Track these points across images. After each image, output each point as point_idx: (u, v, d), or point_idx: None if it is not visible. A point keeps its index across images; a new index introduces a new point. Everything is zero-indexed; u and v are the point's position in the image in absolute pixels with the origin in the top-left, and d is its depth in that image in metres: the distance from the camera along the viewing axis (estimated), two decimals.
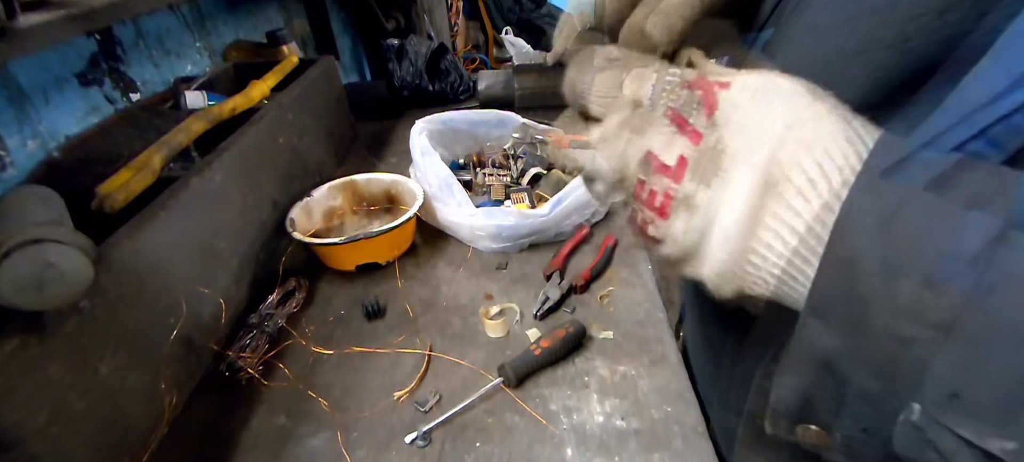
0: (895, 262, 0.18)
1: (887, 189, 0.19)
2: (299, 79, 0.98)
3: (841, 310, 0.20)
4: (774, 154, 0.21)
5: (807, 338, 0.21)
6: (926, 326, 0.18)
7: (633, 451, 0.55)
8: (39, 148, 0.73)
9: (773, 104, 0.21)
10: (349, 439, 0.58)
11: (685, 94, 0.23)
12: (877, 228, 0.18)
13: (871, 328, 0.19)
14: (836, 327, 0.20)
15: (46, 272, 0.43)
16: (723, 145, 0.22)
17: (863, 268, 0.19)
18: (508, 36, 1.81)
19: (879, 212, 0.19)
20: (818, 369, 0.21)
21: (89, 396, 0.50)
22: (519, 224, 0.81)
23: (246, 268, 0.76)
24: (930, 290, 0.17)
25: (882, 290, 0.18)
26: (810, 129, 0.21)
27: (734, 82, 0.22)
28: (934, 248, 0.18)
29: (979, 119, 0.21)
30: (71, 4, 0.64)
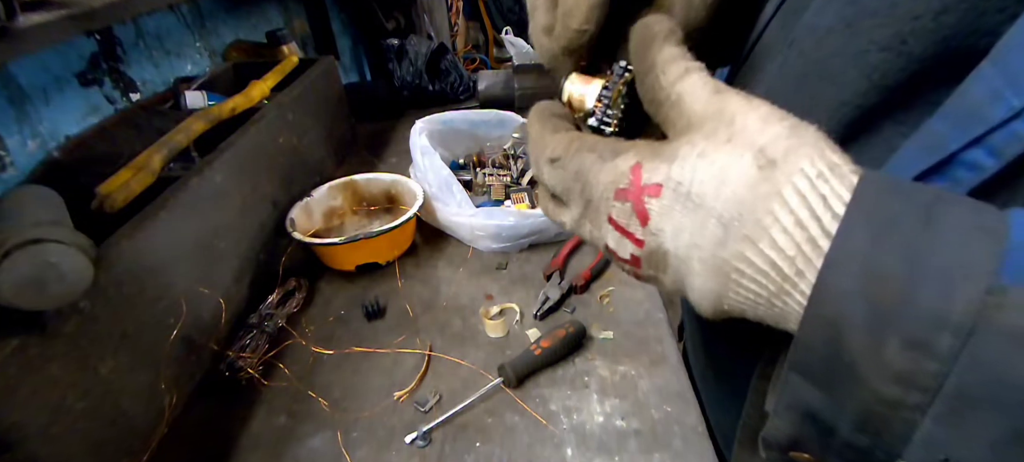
0: (881, 323, 0.18)
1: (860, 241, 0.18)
2: (299, 79, 0.98)
3: (824, 369, 0.19)
4: (715, 254, 0.21)
5: (791, 390, 0.21)
6: (912, 389, 0.17)
7: (633, 451, 0.55)
8: (39, 148, 0.73)
9: (705, 203, 0.21)
10: (349, 439, 0.58)
11: (618, 205, 0.23)
12: (861, 287, 0.18)
13: (856, 388, 0.18)
14: (820, 385, 0.20)
15: (46, 272, 0.43)
16: (664, 249, 0.23)
17: (847, 328, 0.18)
18: (508, 36, 1.81)
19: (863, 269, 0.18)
20: (804, 418, 0.21)
21: (89, 396, 0.50)
22: (519, 224, 0.81)
23: (246, 268, 0.76)
24: (917, 352, 0.17)
25: (868, 351, 0.18)
26: (750, 222, 0.20)
27: (665, 185, 0.22)
28: (919, 311, 0.17)
29: (976, 126, 0.20)
30: (71, 4, 0.64)
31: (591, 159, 0.25)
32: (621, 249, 0.24)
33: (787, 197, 0.19)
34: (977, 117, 0.20)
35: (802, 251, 0.19)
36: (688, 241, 0.22)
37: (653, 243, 0.23)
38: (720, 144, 0.21)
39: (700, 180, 0.21)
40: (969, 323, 0.16)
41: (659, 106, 0.24)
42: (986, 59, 0.21)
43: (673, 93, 0.23)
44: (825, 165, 0.20)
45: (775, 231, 0.20)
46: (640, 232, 0.23)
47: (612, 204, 0.24)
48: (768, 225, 0.20)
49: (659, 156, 0.22)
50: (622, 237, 0.24)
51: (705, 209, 0.21)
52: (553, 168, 0.26)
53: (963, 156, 0.21)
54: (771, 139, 0.20)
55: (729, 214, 0.20)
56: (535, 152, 0.28)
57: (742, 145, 0.20)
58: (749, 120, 0.21)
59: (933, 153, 0.22)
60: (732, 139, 0.21)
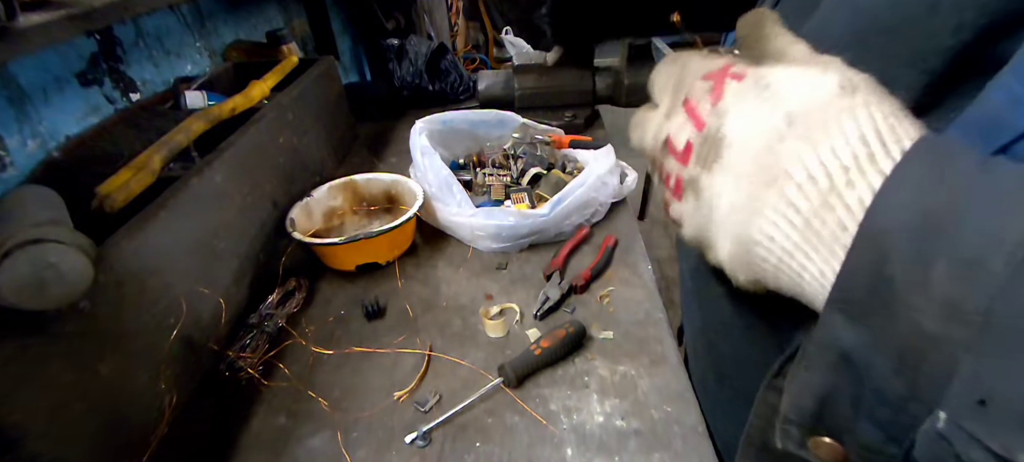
0: (930, 243, 0.17)
1: (927, 169, 0.18)
2: (299, 79, 0.98)
3: (866, 300, 0.18)
4: (771, 147, 0.21)
5: (828, 333, 0.20)
6: (956, 321, 0.16)
7: (633, 451, 0.55)
8: (39, 148, 0.73)
9: (781, 96, 0.21)
10: (349, 439, 0.58)
11: (700, 85, 0.24)
12: (912, 206, 0.17)
13: (897, 321, 0.17)
14: (859, 319, 0.19)
15: (46, 272, 0.43)
16: (722, 133, 0.23)
17: (894, 250, 0.17)
18: (508, 36, 1.81)
19: (917, 189, 0.18)
20: (838, 367, 0.20)
21: (89, 396, 0.50)
22: (519, 224, 0.81)
23: (246, 268, 0.76)
24: (964, 278, 0.16)
25: (913, 274, 0.17)
26: (817, 124, 0.20)
27: (751, 74, 0.23)
28: (973, 231, 0.16)
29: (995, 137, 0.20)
30: (71, 4, 0.64)
31: (697, 57, 0.26)
32: (679, 136, 0.25)
33: (859, 114, 0.20)
34: (998, 126, 0.20)
35: (858, 163, 0.19)
36: (749, 128, 0.22)
37: (714, 125, 0.23)
38: (813, 66, 0.22)
39: (782, 79, 0.22)
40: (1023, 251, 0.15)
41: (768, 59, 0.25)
42: (1006, 68, 0.21)
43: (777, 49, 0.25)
44: (895, 109, 0.20)
45: (837, 139, 0.20)
46: (707, 111, 0.23)
47: (696, 84, 0.25)
48: (832, 132, 0.20)
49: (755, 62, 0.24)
50: (687, 120, 0.24)
51: (778, 100, 0.21)
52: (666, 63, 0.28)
53: None
54: (857, 76, 0.21)
55: (800, 110, 0.21)
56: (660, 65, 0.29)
57: (833, 71, 0.22)
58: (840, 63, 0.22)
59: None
60: (826, 68, 0.22)
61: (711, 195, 0.23)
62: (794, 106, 0.21)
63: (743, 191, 0.22)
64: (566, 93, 1.19)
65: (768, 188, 0.21)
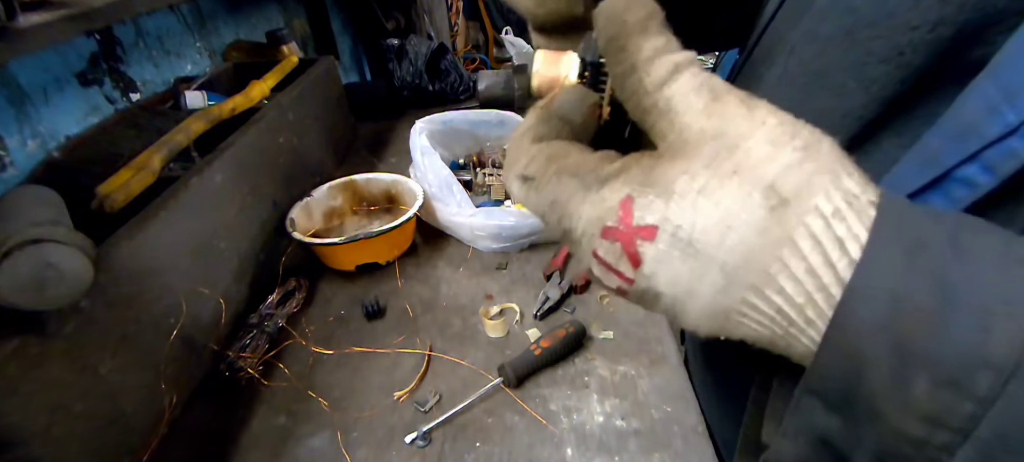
0: (909, 360, 0.16)
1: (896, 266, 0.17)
2: (299, 79, 0.98)
3: (843, 397, 0.18)
4: (716, 302, 0.19)
5: (805, 414, 0.19)
6: (941, 428, 0.16)
7: (633, 451, 0.55)
8: (39, 148, 0.73)
9: (708, 254, 0.18)
10: (349, 439, 0.58)
11: (606, 244, 0.20)
12: (884, 317, 0.16)
13: (878, 422, 0.17)
14: (837, 412, 0.18)
15: (46, 272, 0.43)
16: (656, 292, 0.20)
17: (870, 363, 0.17)
18: (508, 36, 1.82)
19: (887, 295, 0.16)
20: (817, 445, 0.19)
21: (89, 396, 0.50)
22: (519, 224, 0.81)
23: (246, 268, 0.76)
24: (948, 392, 0.16)
25: (891, 386, 0.16)
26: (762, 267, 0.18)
27: (661, 228, 0.19)
28: (954, 348, 0.16)
29: (972, 141, 0.20)
30: (71, 4, 0.64)
31: (572, 188, 0.21)
32: (606, 280, 0.21)
33: (799, 242, 0.17)
34: (973, 132, 0.20)
35: (813, 300, 0.18)
36: (685, 288, 0.19)
37: (644, 284, 0.20)
38: (724, 178, 0.18)
39: (702, 227, 0.18)
40: (1011, 364, 0.15)
41: (644, 113, 0.20)
42: (983, 72, 0.20)
43: (661, 99, 0.20)
44: (841, 198, 0.17)
45: (783, 279, 0.18)
46: (630, 272, 0.20)
47: (599, 242, 0.20)
48: (776, 272, 0.18)
49: (653, 187, 0.19)
50: (608, 271, 0.21)
51: (706, 257, 0.18)
52: (524, 188, 0.22)
53: (958, 172, 0.21)
54: (782, 170, 0.18)
55: (734, 263, 0.18)
56: (508, 162, 0.23)
57: (750, 181, 0.18)
58: (756, 144, 0.18)
59: (929, 168, 0.21)
60: (738, 171, 0.18)
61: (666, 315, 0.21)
62: (724, 257, 0.18)
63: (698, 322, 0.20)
64: None
65: (726, 322, 0.19)
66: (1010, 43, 0.20)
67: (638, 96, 0.20)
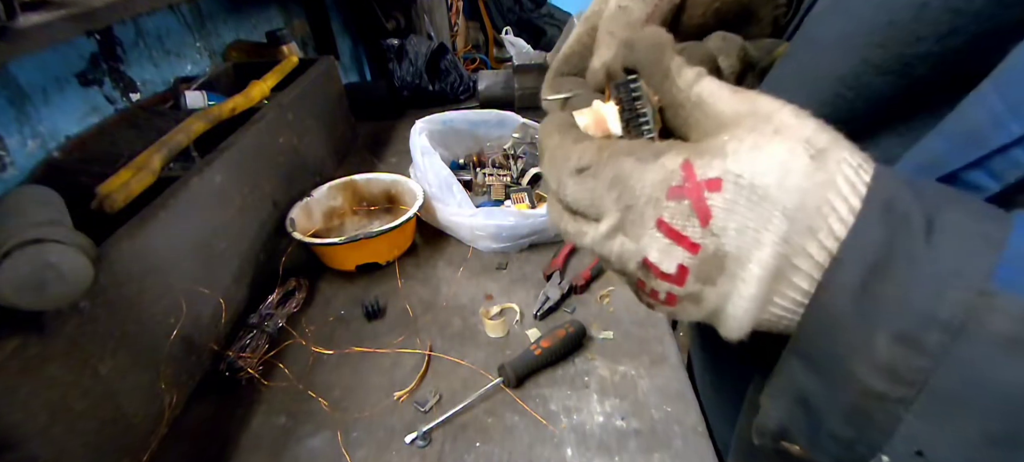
0: (872, 316, 0.18)
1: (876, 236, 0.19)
2: (299, 79, 0.98)
3: (821, 355, 0.20)
4: (777, 249, 0.20)
5: (788, 373, 0.21)
6: (898, 383, 0.18)
7: (633, 451, 0.55)
8: (39, 148, 0.73)
9: (771, 197, 0.20)
10: (349, 439, 0.58)
11: (673, 205, 0.21)
12: (859, 280, 0.19)
13: (847, 378, 0.19)
14: (815, 370, 0.20)
15: (46, 272, 0.43)
16: (724, 251, 0.21)
17: (842, 319, 0.19)
18: (508, 36, 1.81)
19: (862, 263, 0.19)
20: (796, 404, 0.21)
21: (89, 396, 0.50)
22: (519, 224, 0.81)
23: (246, 268, 0.76)
24: (904, 347, 0.18)
25: (859, 342, 0.19)
26: (814, 210, 0.19)
27: (724, 179, 0.20)
28: (911, 308, 0.18)
29: (975, 149, 0.20)
30: (71, 4, 0.64)
31: (630, 162, 0.22)
32: (667, 260, 0.22)
33: (839, 185, 0.19)
34: (977, 140, 0.20)
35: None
36: (752, 240, 0.20)
37: (712, 245, 0.21)
38: (770, 136, 0.20)
39: (762, 171, 0.19)
40: (957, 323, 0.17)
41: (679, 108, 0.23)
42: (987, 80, 0.20)
43: (693, 94, 0.22)
44: (860, 156, 0.20)
45: (832, 220, 0.19)
46: (698, 234, 0.21)
47: (665, 205, 0.21)
48: (826, 214, 0.19)
49: (707, 152, 0.21)
50: (672, 244, 0.21)
51: (769, 202, 0.19)
52: (581, 179, 0.23)
53: (964, 176, 0.21)
54: (812, 132, 0.20)
55: (792, 205, 0.19)
56: (555, 164, 0.24)
57: (791, 137, 0.20)
58: (785, 115, 0.20)
59: (932, 170, 0.22)
60: (780, 131, 0.20)
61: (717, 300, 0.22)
62: (787, 202, 0.19)
63: (754, 295, 0.21)
64: None
65: (778, 282, 0.21)
66: (1016, 53, 0.20)
67: (672, 94, 0.23)
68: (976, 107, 0.21)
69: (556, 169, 0.24)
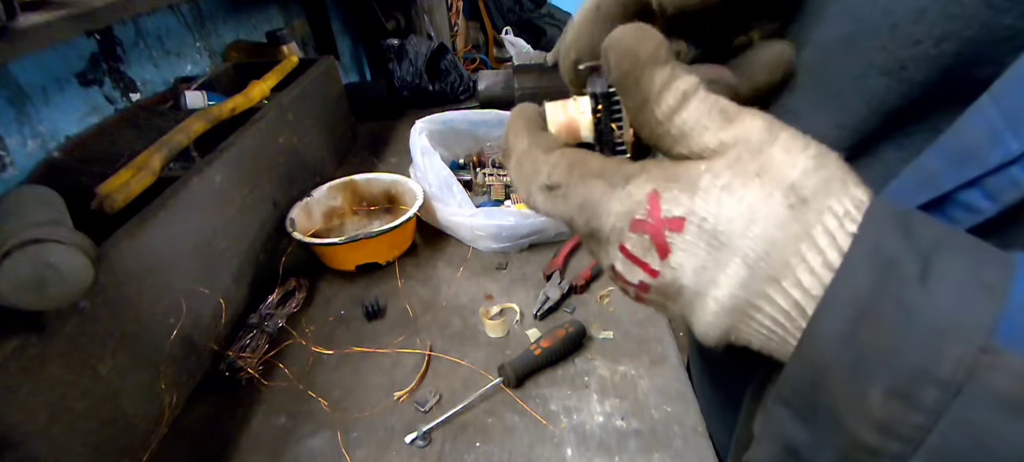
0: (863, 368, 0.17)
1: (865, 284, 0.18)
2: (299, 79, 0.98)
3: (808, 406, 0.19)
4: (733, 292, 0.20)
5: (775, 421, 0.20)
6: (893, 439, 0.17)
7: (633, 451, 0.55)
8: (39, 148, 0.73)
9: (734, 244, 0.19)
10: (349, 439, 0.58)
11: (634, 237, 0.21)
12: (845, 329, 0.18)
13: (838, 430, 0.18)
14: (803, 421, 0.19)
15: (46, 272, 0.43)
16: (680, 284, 0.21)
17: (831, 369, 0.18)
18: (508, 36, 1.81)
19: (848, 310, 0.18)
20: (785, 452, 0.21)
21: (89, 396, 0.50)
22: (519, 224, 0.81)
23: (246, 268, 0.76)
24: (898, 403, 0.17)
25: (850, 395, 0.18)
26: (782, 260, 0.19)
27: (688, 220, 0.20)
28: (906, 361, 0.17)
29: (972, 167, 0.20)
30: (71, 4, 0.64)
31: (599, 188, 0.22)
32: (629, 274, 0.22)
33: (816, 237, 0.18)
34: (973, 157, 0.20)
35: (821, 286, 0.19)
36: (709, 279, 0.20)
37: (669, 276, 0.21)
38: (748, 178, 0.19)
39: (727, 217, 0.19)
40: (957, 381, 0.16)
41: (659, 140, 0.21)
42: (986, 93, 0.20)
43: (673, 128, 0.21)
44: (851, 203, 0.19)
45: (801, 271, 0.19)
46: (657, 264, 0.21)
47: (627, 235, 0.21)
48: (795, 265, 0.19)
49: (677, 183, 0.20)
50: (633, 265, 0.22)
51: (731, 248, 0.19)
52: (551, 198, 0.23)
53: (959, 196, 0.21)
54: (801, 174, 0.19)
55: (755, 254, 0.19)
56: (524, 175, 0.24)
57: (771, 182, 0.19)
58: (776, 151, 0.19)
59: (928, 189, 0.21)
60: (761, 173, 0.19)
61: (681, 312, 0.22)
62: (747, 248, 0.19)
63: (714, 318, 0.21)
64: (566, 93, 1.18)
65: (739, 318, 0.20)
66: (1015, 66, 0.19)
67: (651, 126, 0.21)
68: (974, 121, 0.20)
69: (525, 181, 0.24)
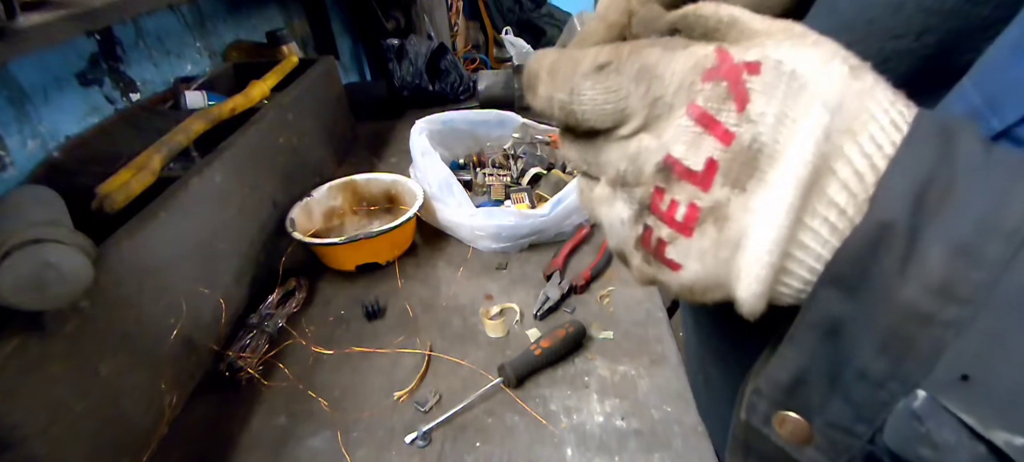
0: (927, 228, 0.17)
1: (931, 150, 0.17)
2: (299, 79, 0.98)
3: (862, 277, 0.18)
4: (818, 147, 0.18)
5: (816, 307, 0.19)
6: (951, 301, 0.16)
7: (633, 451, 0.55)
8: (39, 148, 0.73)
9: (811, 87, 0.18)
10: (349, 439, 0.58)
11: (709, 88, 0.19)
12: (913, 191, 0.17)
13: (890, 297, 0.17)
14: (852, 294, 0.18)
15: (46, 272, 0.43)
16: (760, 142, 0.19)
17: (893, 233, 0.17)
18: (508, 36, 1.81)
19: (917, 175, 0.17)
20: (821, 343, 0.19)
21: (89, 396, 0.50)
22: (519, 224, 0.81)
23: (246, 268, 0.76)
24: (962, 260, 0.16)
25: (910, 257, 0.17)
26: (854, 114, 0.18)
27: (763, 62, 0.19)
28: (971, 216, 0.16)
29: None
30: (71, 4, 0.64)
31: (656, 52, 0.20)
32: (694, 154, 0.19)
33: (879, 97, 0.18)
34: None
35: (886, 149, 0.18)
36: (790, 131, 0.18)
37: (748, 134, 0.19)
38: (807, 45, 0.19)
39: (803, 60, 0.18)
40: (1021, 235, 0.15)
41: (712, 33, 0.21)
42: (967, 76, 0.20)
43: (726, 16, 0.20)
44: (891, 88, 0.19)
45: (874, 127, 0.18)
46: (734, 119, 0.19)
47: (699, 88, 0.19)
48: (866, 120, 0.18)
49: (740, 43, 0.19)
50: (702, 133, 0.19)
51: (811, 91, 0.18)
52: (602, 76, 0.20)
53: None
54: (846, 52, 0.19)
55: (833, 99, 0.18)
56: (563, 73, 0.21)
57: (829, 49, 0.19)
58: (819, 36, 0.19)
59: None
60: (818, 44, 0.19)
61: (744, 220, 0.19)
62: (827, 95, 0.18)
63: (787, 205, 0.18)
64: None
65: (812, 194, 0.19)
66: (992, 49, 0.20)
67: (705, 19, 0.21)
68: (956, 103, 0.21)
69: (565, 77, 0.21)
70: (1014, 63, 0.19)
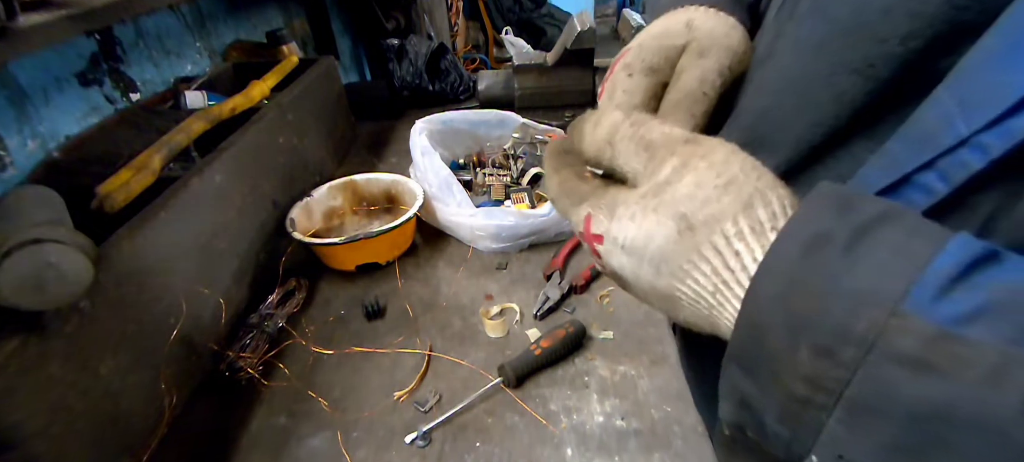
0: (796, 329, 0.20)
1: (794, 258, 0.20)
2: (299, 79, 0.98)
3: (752, 361, 0.22)
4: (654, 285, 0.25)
5: (729, 377, 0.23)
6: (819, 390, 0.19)
7: (633, 451, 0.55)
8: (39, 148, 0.73)
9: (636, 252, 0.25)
10: (349, 439, 0.58)
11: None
12: (783, 295, 0.20)
13: (777, 384, 0.21)
14: (750, 375, 0.22)
15: (46, 272, 0.43)
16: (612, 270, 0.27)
17: (769, 330, 0.21)
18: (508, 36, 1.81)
19: (787, 280, 0.20)
20: (740, 405, 0.23)
21: (89, 396, 0.50)
22: (519, 224, 0.81)
23: (246, 268, 0.76)
24: (823, 359, 0.19)
25: (784, 353, 0.20)
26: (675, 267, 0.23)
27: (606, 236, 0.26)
28: (830, 323, 0.19)
29: (927, 150, 0.21)
30: (71, 4, 0.64)
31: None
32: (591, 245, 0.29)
33: (704, 251, 0.23)
34: (929, 141, 0.21)
35: (721, 289, 0.23)
36: (632, 273, 0.26)
37: (607, 266, 0.27)
38: (648, 212, 0.24)
39: (631, 238, 0.25)
40: (870, 340, 0.18)
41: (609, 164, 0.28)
42: (943, 82, 0.21)
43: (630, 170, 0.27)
44: (747, 225, 0.22)
45: (697, 273, 0.23)
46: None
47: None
48: (689, 269, 0.23)
49: (603, 211, 0.27)
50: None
51: (638, 256, 0.25)
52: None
53: (917, 178, 0.22)
54: (698, 205, 0.23)
55: (657, 259, 0.24)
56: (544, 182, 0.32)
57: (667, 215, 0.24)
58: (682, 186, 0.24)
59: (890, 172, 0.23)
60: (658, 209, 0.24)
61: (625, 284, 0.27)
62: (650, 256, 0.24)
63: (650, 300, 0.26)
64: (566, 93, 1.19)
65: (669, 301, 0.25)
66: (969, 55, 0.20)
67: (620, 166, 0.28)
68: (931, 109, 0.21)
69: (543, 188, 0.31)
70: (989, 69, 0.20)
